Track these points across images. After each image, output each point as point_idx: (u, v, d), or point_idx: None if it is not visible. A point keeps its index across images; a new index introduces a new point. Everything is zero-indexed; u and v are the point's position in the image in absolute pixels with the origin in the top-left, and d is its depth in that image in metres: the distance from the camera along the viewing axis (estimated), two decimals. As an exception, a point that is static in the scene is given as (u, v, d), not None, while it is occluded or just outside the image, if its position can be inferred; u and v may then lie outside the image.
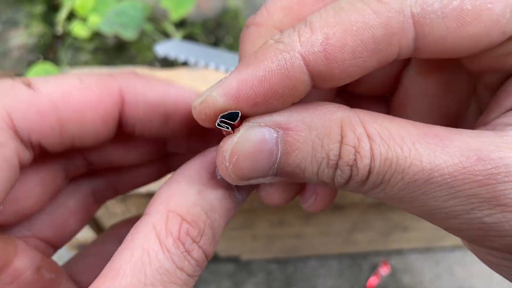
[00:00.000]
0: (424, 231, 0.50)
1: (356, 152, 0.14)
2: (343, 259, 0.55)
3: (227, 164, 0.14)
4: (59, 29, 0.73)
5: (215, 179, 0.16)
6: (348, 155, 0.14)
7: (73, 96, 0.15)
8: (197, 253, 0.15)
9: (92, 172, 0.19)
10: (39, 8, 0.75)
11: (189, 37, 0.74)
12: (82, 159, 0.19)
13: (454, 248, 0.56)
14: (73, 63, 0.67)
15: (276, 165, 0.14)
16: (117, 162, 0.19)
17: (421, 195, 0.14)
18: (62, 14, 0.73)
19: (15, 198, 0.17)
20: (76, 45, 0.70)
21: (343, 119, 0.14)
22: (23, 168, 0.16)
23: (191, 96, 0.18)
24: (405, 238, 0.52)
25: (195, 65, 0.43)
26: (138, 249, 0.14)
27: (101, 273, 0.14)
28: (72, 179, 0.19)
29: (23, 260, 0.16)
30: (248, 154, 0.14)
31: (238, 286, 0.52)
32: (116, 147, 0.19)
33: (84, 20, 0.73)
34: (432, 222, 0.16)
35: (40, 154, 0.16)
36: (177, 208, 0.15)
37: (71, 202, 0.19)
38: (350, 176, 0.14)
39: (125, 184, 0.21)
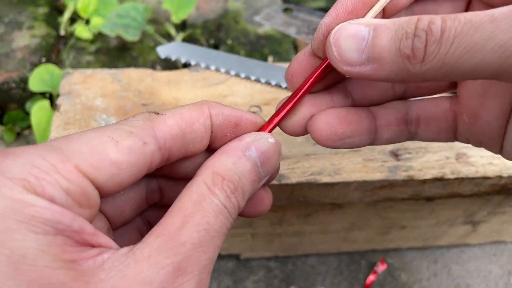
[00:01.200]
0: (422, 229, 0.51)
1: (430, 22, 0.17)
2: (342, 257, 0.56)
3: (332, 46, 0.20)
4: (62, 31, 0.74)
5: (246, 157, 0.21)
6: (423, 23, 0.18)
7: (186, 113, 0.22)
8: (234, 199, 0.20)
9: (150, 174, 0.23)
10: (42, 10, 0.76)
11: (190, 39, 0.75)
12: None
13: (451, 246, 0.57)
14: (76, 65, 0.67)
15: (367, 48, 0.19)
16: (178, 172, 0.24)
17: (489, 32, 0.16)
18: (65, 16, 0.74)
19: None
20: (78, 46, 0.71)
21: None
22: (149, 170, 0.21)
23: (245, 113, 0.24)
24: (403, 237, 0.52)
25: (196, 66, 0.44)
26: (194, 194, 0.19)
27: (166, 213, 0.19)
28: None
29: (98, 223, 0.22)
30: (348, 35, 0.19)
31: (238, 283, 0.53)
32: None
33: (86, 22, 0.73)
34: (487, 73, 0.17)
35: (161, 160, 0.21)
36: (219, 171, 0.20)
37: (131, 193, 0.24)
38: (426, 39, 0.17)
39: (170, 191, 0.25)
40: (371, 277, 0.53)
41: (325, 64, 0.23)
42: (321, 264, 0.55)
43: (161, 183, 0.25)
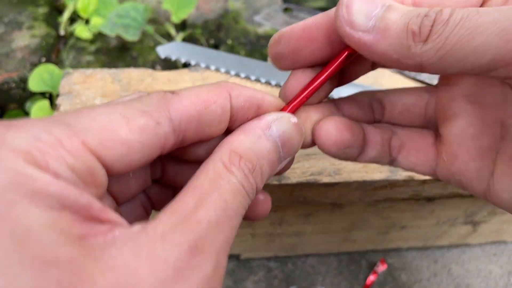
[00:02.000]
0: (422, 230, 0.51)
1: (443, 8, 0.18)
2: (342, 257, 0.56)
3: (343, 3, 0.20)
4: (62, 30, 0.74)
5: (266, 136, 0.21)
6: (436, 8, 0.18)
7: (202, 93, 0.21)
8: (252, 179, 0.20)
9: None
10: (42, 10, 0.76)
11: (190, 39, 0.75)
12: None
13: (451, 246, 0.57)
14: (76, 65, 0.67)
15: (376, 16, 0.19)
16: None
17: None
18: (65, 16, 0.74)
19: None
20: (78, 46, 0.71)
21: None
22: (162, 152, 0.20)
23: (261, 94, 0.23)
24: (403, 237, 0.52)
25: (196, 66, 0.44)
26: (210, 172, 0.19)
27: (181, 192, 0.18)
28: None
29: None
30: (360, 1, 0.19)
31: (238, 283, 0.53)
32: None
33: (86, 21, 0.73)
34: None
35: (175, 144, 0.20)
36: (237, 149, 0.20)
37: (139, 173, 0.23)
38: (435, 19, 0.18)
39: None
40: (371, 277, 0.53)
41: (345, 54, 0.22)
42: (321, 264, 0.55)
43: (166, 162, 0.24)
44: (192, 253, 0.16)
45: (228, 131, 0.22)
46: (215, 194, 0.18)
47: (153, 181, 0.25)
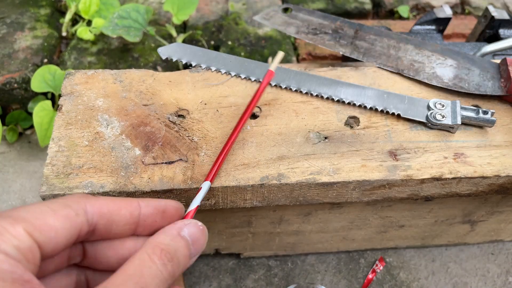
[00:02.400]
0: (420, 229, 0.51)
1: None
2: (341, 256, 0.56)
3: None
4: (64, 32, 0.75)
5: (181, 236, 0.27)
6: None
7: (117, 200, 0.27)
8: (170, 267, 0.25)
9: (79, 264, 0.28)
10: (44, 11, 0.77)
11: (191, 40, 0.75)
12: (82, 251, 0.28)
13: (449, 245, 0.57)
14: (77, 65, 0.68)
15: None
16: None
17: None
18: (67, 17, 0.74)
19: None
20: (80, 47, 0.71)
21: None
22: (78, 238, 0.25)
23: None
24: (401, 236, 0.53)
25: (197, 67, 0.44)
26: (136, 261, 0.24)
27: (113, 274, 0.23)
28: (69, 265, 0.28)
29: None
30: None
31: (238, 282, 0.53)
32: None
33: (88, 23, 0.74)
34: None
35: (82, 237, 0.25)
36: (159, 244, 0.25)
37: (64, 281, 0.27)
38: None
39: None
40: (370, 276, 0.54)
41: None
42: (321, 263, 0.55)
43: (88, 276, 0.29)
44: None
45: (139, 234, 0.28)
46: (136, 277, 0.23)
47: (75, 265, 0.29)
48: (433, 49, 0.46)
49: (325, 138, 0.39)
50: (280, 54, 0.38)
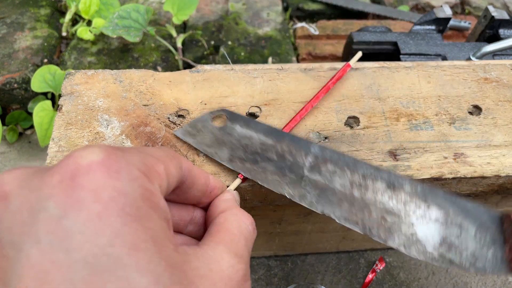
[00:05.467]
0: (420, 229, 0.51)
1: None
2: (341, 255, 0.56)
3: None
4: (64, 32, 0.75)
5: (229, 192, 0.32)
6: None
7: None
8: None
9: None
10: (44, 11, 0.77)
11: (191, 40, 0.76)
12: None
13: (449, 245, 0.57)
14: (78, 65, 0.68)
15: None
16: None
17: None
18: (67, 17, 0.75)
19: None
20: (80, 47, 0.71)
21: None
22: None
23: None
24: (402, 236, 0.53)
25: (197, 67, 0.44)
26: (221, 218, 0.28)
27: (210, 230, 0.26)
28: None
29: None
30: None
31: (238, 282, 0.53)
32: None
33: (88, 23, 0.74)
34: None
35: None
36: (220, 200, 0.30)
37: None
38: None
39: None
40: (370, 276, 0.54)
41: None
42: (321, 263, 0.55)
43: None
44: (245, 278, 0.23)
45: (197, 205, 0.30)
46: (242, 234, 0.27)
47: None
48: (412, 190, 0.31)
49: (325, 138, 0.39)
50: (359, 54, 0.43)
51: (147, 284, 0.17)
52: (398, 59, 0.63)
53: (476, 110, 0.42)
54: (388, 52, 0.66)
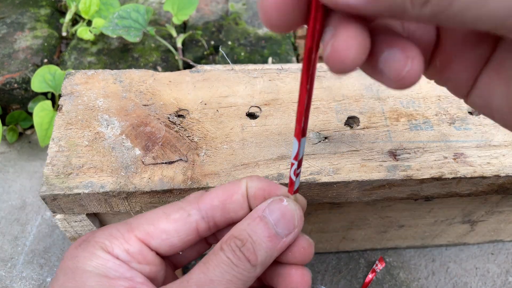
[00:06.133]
0: (420, 228, 0.51)
1: None
2: (341, 255, 0.56)
3: None
4: (64, 32, 0.75)
5: (260, 217, 0.25)
6: None
7: (227, 186, 0.28)
8: (240, 253, 0.24)
9: None
10: (44, 11, 0.77)
11: (191, 40, 0.76)
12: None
13: (449, 245, 0.57)
14: (78, 65, 0.68)
15: None
16: None
17: None
18: (67, 17, 0.75)
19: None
20: (80, 47, 0.71)
21: None
22: (200, 235, 0.27)
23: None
24: (401, 236, 0.53)
25: (198, 67, 0.44)
26: (211, 253, 0.25)
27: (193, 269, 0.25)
28: None
29: None
30: None
31: (238, 282, 0.53)
32: None
33: (88, 23, 0.74)
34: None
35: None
36: (234, 233, 0.25)
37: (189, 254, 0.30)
38: None
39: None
40: (370, 276, 0.54)
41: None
42: (320, 263, 0.55)
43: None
44: None
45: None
46: (203, 268, 0.24)
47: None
48: None
49: (325, 138, 0.39)
50: None
51: None
52: (398, 59, 0.63)
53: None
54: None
